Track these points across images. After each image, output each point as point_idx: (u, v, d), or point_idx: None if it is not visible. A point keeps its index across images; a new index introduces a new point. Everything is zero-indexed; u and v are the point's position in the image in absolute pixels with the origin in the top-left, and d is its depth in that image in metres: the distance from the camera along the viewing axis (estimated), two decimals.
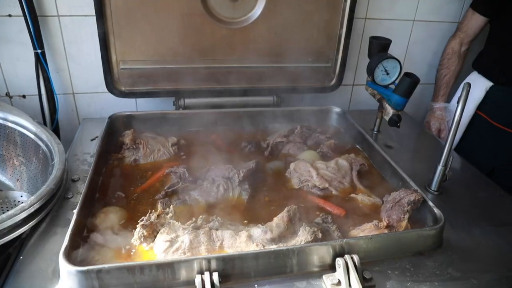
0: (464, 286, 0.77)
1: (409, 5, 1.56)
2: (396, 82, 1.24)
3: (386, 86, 1.28)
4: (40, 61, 1.29)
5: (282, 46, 1.37)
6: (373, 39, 1.30)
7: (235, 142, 1.28)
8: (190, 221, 0.85)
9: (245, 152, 1.23)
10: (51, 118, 1.38)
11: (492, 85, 1.46)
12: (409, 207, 0.90)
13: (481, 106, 1.49)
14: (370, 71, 1.28)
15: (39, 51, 1.27)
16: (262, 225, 0.84)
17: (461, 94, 0.94)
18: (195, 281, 0.68)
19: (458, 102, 0.95)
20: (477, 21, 1.48)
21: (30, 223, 0.79)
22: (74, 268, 0.66)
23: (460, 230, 0.92)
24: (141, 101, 1.47)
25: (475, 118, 1.52)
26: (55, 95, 1.35)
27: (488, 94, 1.47)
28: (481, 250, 0.87)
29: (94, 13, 1.18)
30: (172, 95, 1.38)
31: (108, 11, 1.18)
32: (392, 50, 1.27)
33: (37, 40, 1.26)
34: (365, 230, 0.87)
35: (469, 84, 0.95)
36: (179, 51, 1.29)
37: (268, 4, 1.28)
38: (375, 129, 1.38)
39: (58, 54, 1.33)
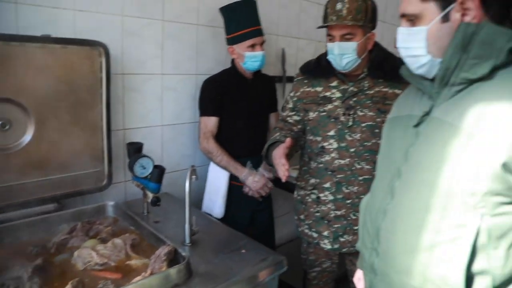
0: None
1: (157, 114, 2.08)
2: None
3: (145, 177, 1.71)
4: None
5: (56, 161, 1.63)
6: (129, 145, 1.74)
7: (23, 249, 1.44)
8: None
9: (33, 254, 1.41)
10: None
11: None
12: (166, 257, 1.29)
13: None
14: (131, 168, 1.69)
15: None
16: None
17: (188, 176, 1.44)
18: None
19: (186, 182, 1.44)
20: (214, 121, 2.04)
21: None
22: None
23: (206, 261, 1.37)
24: None
25: None
26: None
27: None
28: (220, 270, 1.33)
29: None
30: None
31: None
32: (149, 148, 1.72)
33: None
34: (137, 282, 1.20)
35: (192, 166, 1.46)
36: None
37: (37, 129, 1.56)
38: (144, 211, 1.77)
39: None
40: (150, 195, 1.66)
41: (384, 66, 1.55)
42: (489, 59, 0.76)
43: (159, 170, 1.62)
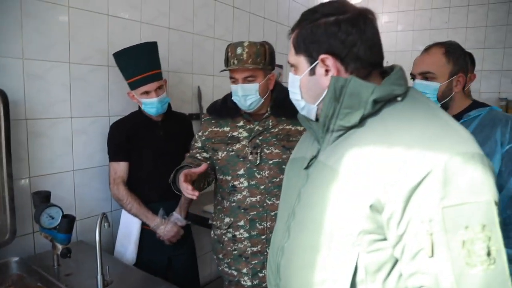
0: None
1: (67, 159, 1.98)
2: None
3: (54, 228, 1.61)
4: None
5: None
6: (34, 194, 1.64)
7: None
8: None
9: None
10: None
11: None
12: None
13: None
14: (37, 219, 1.58)
15: None
16: None
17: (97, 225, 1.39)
18: None
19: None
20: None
21: None
22: None
23: None
24: None
25: None
26: None
27: None
28: None
29: None
30: None
31: None
32: (59, 195, 1.63)
33: None
34: None
35: (103, 213, 1.41)
36: None
37: None
38: (55, 264, 1.65)
39: None
40: (60, 247, 1.56)
41: (285, 105, 1.65)
42: (358, 109, 0.84)
43: (68, 220, 1.54)
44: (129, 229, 1.99)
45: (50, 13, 1.83)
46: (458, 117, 1.44)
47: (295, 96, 0.98)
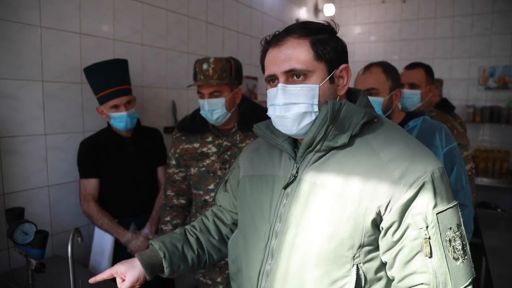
0: None
1: (42, 175, 2.01)
2: None
3: (28, 244, 1.64)
4: None
5: None
6: (8, 211, 1.66)
7: None
8: None
9: None
10: None
11: None
12: None
13: None
14: (10, 236, 1.61)
15: None
16: None
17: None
18: None
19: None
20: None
21: None
22: None
23: None
24: None
25: None
26: None
27: None
28: None
29: None
30: None
31: None
32: (34, 211, 1.67)
33: None
34: None
35: (76, 228, 1.45)
36: None
37: None
38: (29, 279, 1.67)
39: None
40: (34, 262, 1.59)
41: (252, 119, 1.72)
42: (347, 131, 0.90)
43: (41, 236, 1.57)
44: (102, 242, 2.02)
45: (22, 33, 1.87)
46: None
47: (304, 108, 0.90)
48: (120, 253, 2.03)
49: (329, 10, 4.88)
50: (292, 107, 0.90)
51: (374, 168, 0.86)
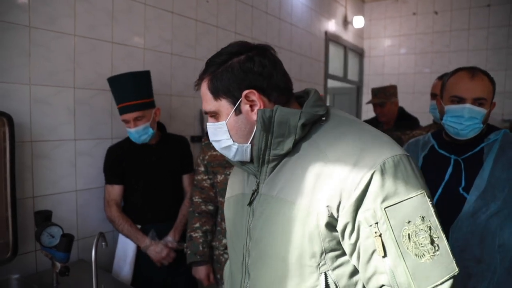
0: None
1: (70, 180, 2.05)
2: None
3: (54, 247, 1.66)
4: None
5: None
6: (36, 214, 1.70)
7: None
8: None
9: None
10: None
11: None
12: None
13: None
14: (37, 238, 1.64)
15: None
16: None
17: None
18: None
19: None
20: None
21: None
22: None
23: None
24: None
25: None
26: None
27: None
28: None
29: None
30: None
31: None
32: (61, 215, 1.68)
33: None
34: None
35: (101, 233, 1.46)
36: None
37: None
38: (54, 282, 1.70)
39: None
40: (59, 265, 1.61)
41: None
42: (289, 136, 0.88)
43: (66, 239, 1.59)
44: (125, 248, 2.03)
45: (57, 41, 1.93)
46: (479, 140, 1.45)
47: (224, 143, 0.94)
48: (142, 260, 2.03)
49: (358, 23, 4.84)
50: (216, 143, 0.96)
51: (323, 170, 0.83)
